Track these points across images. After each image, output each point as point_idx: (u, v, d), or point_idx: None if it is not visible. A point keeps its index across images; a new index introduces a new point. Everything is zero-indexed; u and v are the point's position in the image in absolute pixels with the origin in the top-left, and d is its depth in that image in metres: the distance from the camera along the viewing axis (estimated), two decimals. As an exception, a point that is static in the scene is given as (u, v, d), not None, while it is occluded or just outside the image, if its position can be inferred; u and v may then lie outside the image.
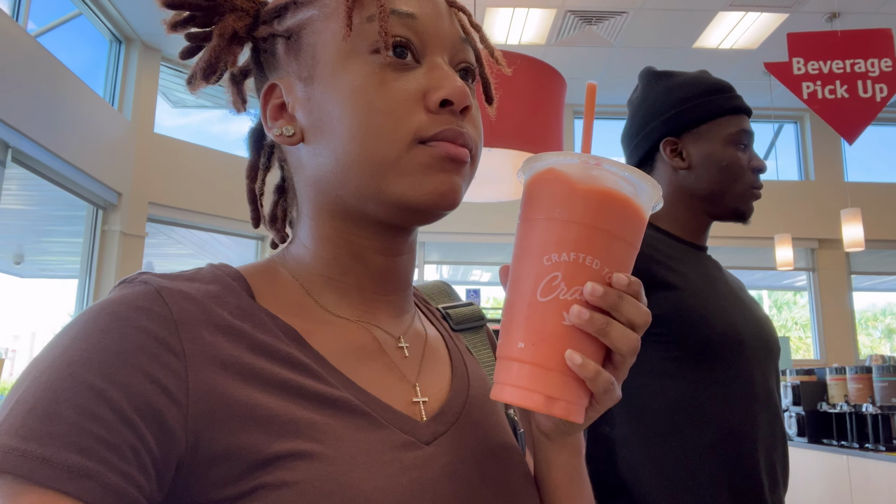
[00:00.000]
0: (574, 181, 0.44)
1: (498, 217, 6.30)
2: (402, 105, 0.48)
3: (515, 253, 0.47)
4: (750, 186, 1.17)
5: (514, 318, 0.45)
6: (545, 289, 0.44)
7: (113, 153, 5.11)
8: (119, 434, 0.38)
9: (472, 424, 0.53)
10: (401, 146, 0.48)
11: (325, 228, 0.53)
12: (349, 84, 0.49)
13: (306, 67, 0.51)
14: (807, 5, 4.89)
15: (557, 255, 0.44)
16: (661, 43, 5.51)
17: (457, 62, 0.53)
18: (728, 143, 1.16)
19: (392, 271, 0.54)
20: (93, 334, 0.41)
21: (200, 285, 0.47)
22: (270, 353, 0.46)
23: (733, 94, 1.21)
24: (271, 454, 0.41)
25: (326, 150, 0.50)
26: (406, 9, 0.50)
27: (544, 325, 0.44)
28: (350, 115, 0.48)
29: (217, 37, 0.53)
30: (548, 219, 0.45)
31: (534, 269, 0.45)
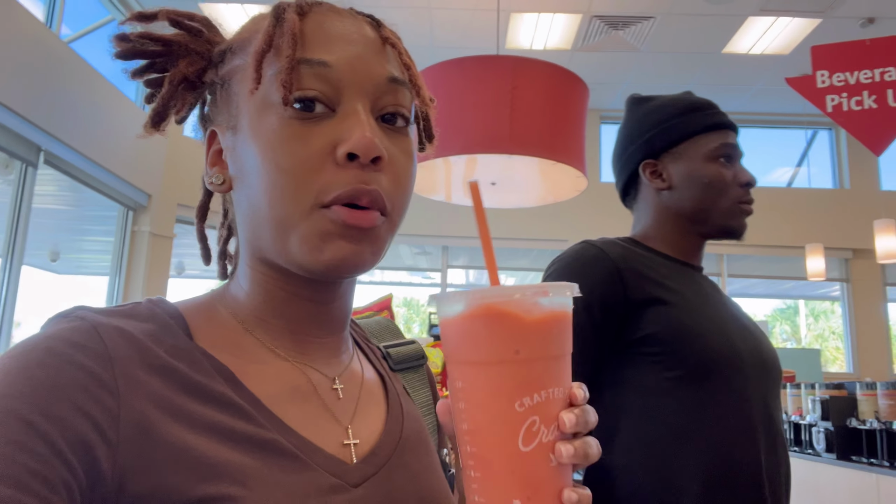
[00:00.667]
0: (522, 315, 0.41)
1: (523, 222, 6.27)
2: (307, 163, 0.47)
3: (468, 400, 0.42)
4: (736, 201, 1.14)
5: (494, 472, 0.41)
6: (526, 437, 0.41)
7: (143, 156, 5.22)
8: (52, 468, 0.38)
9: (402, 466, 0.52)
10: (302, 210, 0.47)
11: (257, 274, 0.53)
12: (262, 137, 0.48)
13: (233, 117, 0.51)
14: (841, 10, 4.78)
15: (530, 398, 0.41)
16: (689, 48, 5.43)
17: (381, 106, 0.51)
18: (708, 160, 1.14)
19: (324, 317, 0.54)
20: (27, 369, 0.41)
21: (137, 323, 0.47)
22: (204, 393, 0.45)
23: (712, 110, 1.18)
24: (196, 497, 0.41)
25: (245, 201, 0.50)
26: (319, 57, 0.48)
27: (536, 475, 0.41)
28: (260, 172, 0.48)
29: (167, 84, 0.53)
30: (505, 362, 0.41)
31: (505, 418, 0.41)
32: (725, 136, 1.16)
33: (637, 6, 4.83)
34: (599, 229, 6.20)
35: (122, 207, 5.26)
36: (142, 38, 0.53)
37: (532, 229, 6.34)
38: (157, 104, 0.53)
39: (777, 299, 9.75)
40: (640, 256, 1.11)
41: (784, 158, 7.16)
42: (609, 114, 6.77)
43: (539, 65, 3.08)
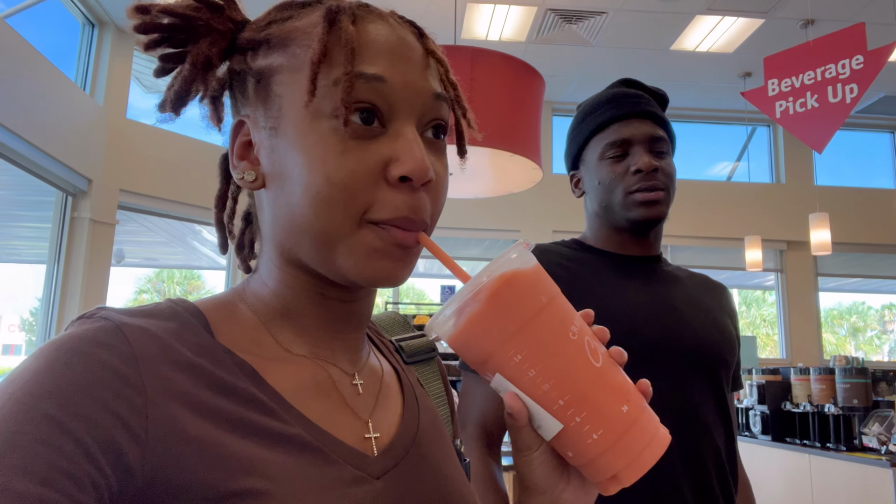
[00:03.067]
0: (526, 270, 0.47)
1: (476, 212, 6.31)
2: (360, 179, 0.47)
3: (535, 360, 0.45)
4: (628, 193, 1.14)
5: (592, 399, 0.45)
6: (593, 355, 0.46)
7: (83, 139, 5.01)
8: (79, 466, 0.38)
9: (421, 458, 0.54)
10: (351, 224, 0.48)
11: (284, 273, 0.53)
12: (311, 148, 0.48)
13: (273, 118, 0.50)
14: (782, 11, 4.97)
15: (574, 325, 0.47)
16: (639, 44, 5.56)
17: (427, 120, 0.51)
18: (600, 161, 1.17)
19: (352, 313, 0.55)
20: (54, 368, 0.41)
21: (160, 322, 0.47)
22: (228, 390, 0.46)
23: (603, 108, 1.19)
24: (225, 492, 0.42)
25: (285, 207, 0.50)
26: (374, 71, 0.48)
27: (618, 380, 0.47)
28: (308, 181, 0.48)
29: (190, 64, 0.51)
30: (541, 309, 0.46)
31: (570, 351, 0.46)
32: (613, 133, 1.16)
33: (590, 1, 4.91)
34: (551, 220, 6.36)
35: (60, 192, 5.03)
36: (163, 10, 0.50)
37: (485, 219, 6.40)
38: (180, 85, 0.51)
39: (715, 288, 10.11)
40: (590, 260, 1.16)
41: (725, 153, 7.42)
42: (561, 106, 6.87)
43: (498, 56, 3.10)
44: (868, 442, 3.60)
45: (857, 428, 3.70)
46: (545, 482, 0.50)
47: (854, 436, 3.72)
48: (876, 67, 3.82)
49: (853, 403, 3.67)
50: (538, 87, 3.31)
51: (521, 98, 3.23)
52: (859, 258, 7.17)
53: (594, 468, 0.46)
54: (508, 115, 3.15)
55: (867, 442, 3.60)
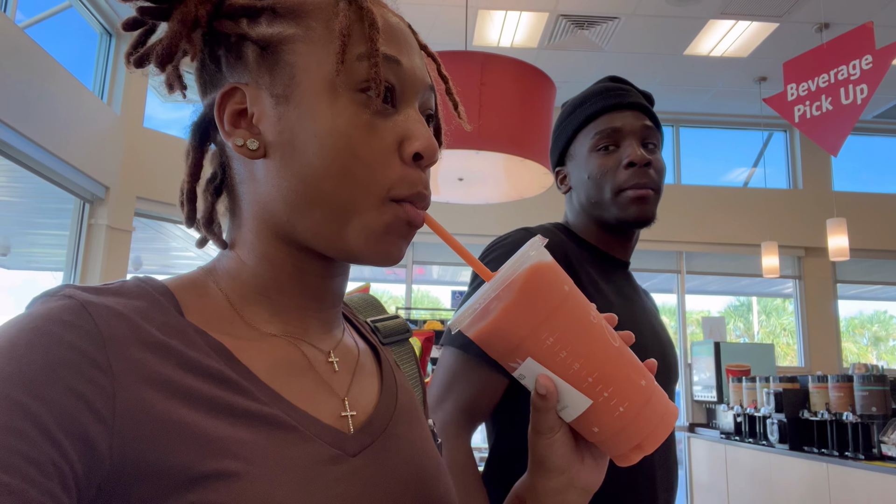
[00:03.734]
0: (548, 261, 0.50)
1: (487, 219, 6.30)
2: (381, 156, 0.49)
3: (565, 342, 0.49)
4: (620, 189, 1.10)
5: (616, 377, 0.50)
6: (612, 336, 0.51)
7: (101, 147, 5.08)
8: (42, 450, 0.37)
9: (397, 436, 0.54)
10: (373, 201, 0.49)
11: (267, 247, 0.52)
12: (331, 121, 0.48)
13: (282, 86, 0.49)
14: (797, 15, 4.93)
15: (593, 310, 0.51)
16: (652, 49, 5.54)
17: (424, 110, 0.54)
18: (588, 154, 1.14)
19: (328, 289, 0.55)
20: (15, 348, 0.40)
21: (127, 300, 0.46)
22: (199, 370, 0.45)
23: (591, 99, 1.17)
24: (199, 473, 0.41)
25: (293, 178, 0.49)
26: (393, 53, 0.50)
27: (633, 360, 0.51)
28: (329, 155, 0.48)
29: (178, 23, 0.49)
30: (566, 296, 0.50)
31: (594, 333, 0.50)
32: (603, 123, 1.13)
33: (602, 6, 4.90)
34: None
35: (78, 200, 5.10)
36: None
37: (496, 225, 6.38)
38: (167, 42, 0.49)
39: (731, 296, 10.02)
40: (573, 250, 1.11)
41: (741, 159, 7.36)
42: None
43: (508, 61, 3.10)
44: (887, 451, 3.53)
45: (876, 436, 3.62)
46: (564, 462, 0.52)
47: (873, 444, 3.64)
48: (884, 66, 3.78)
49: (872, 411, 3.60)
50: (548, 91, 3.31)
51: (532, 103, 3.23)
52: (880, 265, 7.06)
53: (620, 439, 0.50)
54: (519, 121, 3.15)
55: (886, 451, 3.53)
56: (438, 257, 6.91)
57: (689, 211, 6.46)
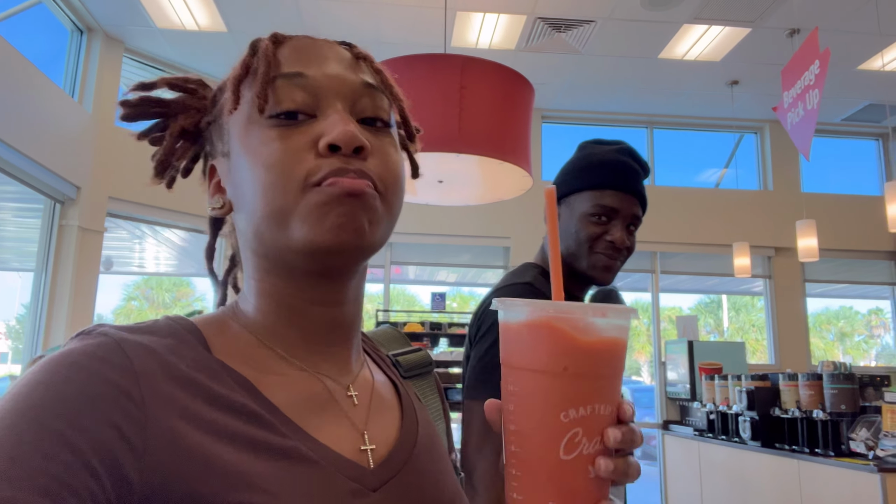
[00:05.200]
0: (576, 335, 0.44)
1: (466, 220, 6.32)
2: (292, 156, 0.50)
3: (518, 403, 0.45)
4: (594, 252, 1.28)
5: (534, 474, 0.44)
6: (567, 447, 0.44)
7: (72, 146, 4.98)
8: (80, 478, 0.39)
9: (418, 471, 0.54)
10: (294, 192, 0.50)
11: (264, 285, 0.55)
12: (249, 148, 0.52)
13: (225, 144, 0.56)
14: (768, 21, 5.03)
15: (575, 410, 0.44)
16: (627, 52, 5.60)
17: (360, 109, 0.54)
18: (584, 215, 1.29)
19: (335, 322, 0.56)
20: (54, 383, 0.42)
21: (158, 338, 0.48)
22: (225, 404, 0.47)
23: (607, 171, 1.31)
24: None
25: (245, 213, 0.54)
26: (293, 69, 0.53)
27: (574, 484, 0.44)
28: (252, 176, 0.51)
29: (168, 136, 0.59)
30: (555, 374, 0.44)
31: (549, 426, 0.44)
32: (607, 198, 1.28)
33: (579, 10, 4.95)
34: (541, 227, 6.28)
35: (48, 200, 4.99)
36: (143, 101, 0.59)
37: (475, 227, 6.41)
38: (160, 155, 0.59)
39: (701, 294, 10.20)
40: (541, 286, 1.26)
41: (713, 160, 7.48)
42: (550, 114, 6.91)
43: (488, 65, 3.11)
44: (856, 447, 3.63)
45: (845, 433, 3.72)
46: None
47: (842, 441, 3.74)
48: (824, 71, 3.90)
49: (841, 409, 3.70)
50: (528, 94, 3.33)
51: (511, 105, 3.25)
52: (847, 264, 7.24)
53: None
54: (498, 123, 3.16)
55: (855, 447, 3.63)
56: (415, 257, 6.91)
57: (664, 212, 6.56)
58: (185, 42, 5.51)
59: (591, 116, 6.96)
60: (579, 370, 0.44)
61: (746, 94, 6.40)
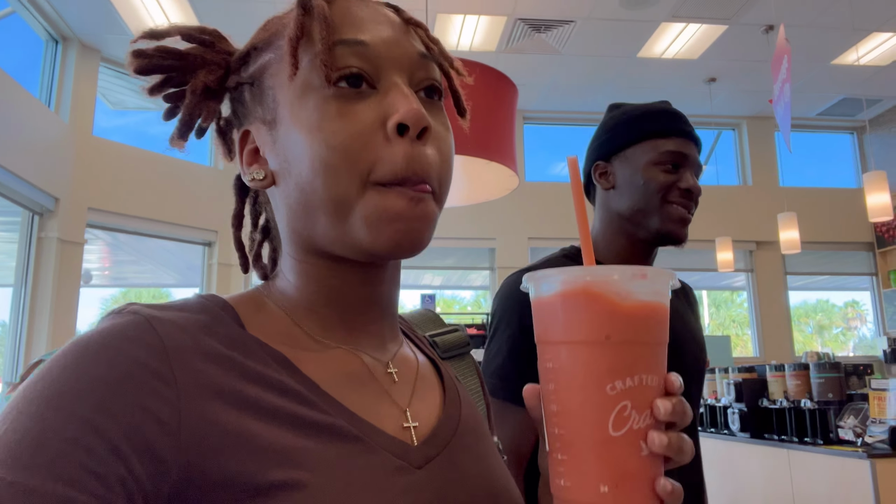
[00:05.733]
0: (616, 300, 0.41)
1: (452, 221, 6.32)
2: (358, 139, 0.47)
3: (558, 381, 0.42)
4: (670, 202, 1.15)
5: (582, 456, 0.41)
6: (616, 422, 0.41)
7: (49, 157, 4.90)
8: (107, 465, 0.37)
9: (463, 449, 0.53)
10: (357, 187, 0.47)
11: (303, 264, 0.53)
12: (306, 121, 0.49)
13: (269, 111, 0.52)
14: (744, 17, 5.10)
15: (622, 381, 0.41)
16: (607, 52, 5.65)
17: (418, 80, 0.52)
18: (651, 164, 1.17)
19: (375, 301, 0.55)
20: (82, 365, 0.41)
21: (190, 315, 0.47)
22: (262, 380, 0.45)
23: (667, 118, 1.21)
24: (265, 483, 0.41)
25: (295, 190, 0.50)
26: (354, 37, 0.49)
27: (626, 463, 0.41)
28: (310, 154, 0.48)
29: (189, 94, 0.54)
30: (596, 344, 0.41)
31: (595, 401, 0.41)
32: (673, 144, 1.17)
33: (558, 10, 4.98)
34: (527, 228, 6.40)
35: (26, 212, 4.91)
36: (159, 52, 0.53)
37: (460, 228, 6.42)
38: (183, 114, 0.54)
39: (687, 291, 10.26)
40: None
41: (693, 157, 7.57)
42: (532, 115, 6.94)
43: (472, 65, 3.11)
44: (844, 434, 3.67)
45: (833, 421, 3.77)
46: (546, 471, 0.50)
47: (830, 429, 3.79)
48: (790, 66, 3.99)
49: (828, 397, 3.75)
50: (512, 94, 3.34)
51: (496, 105, 3.25)
52: (826, 256, 7.35)
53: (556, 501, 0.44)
54: (483, 123, 3.17)
55: (843, 434, 3.68)
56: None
57: (646, 209, 6.61)
58: (162, 50, 5.45)
59: (572, 116, 7.01)
60: (622, 337, 0.41)
61: (724, 91, 6.49)
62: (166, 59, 0.53)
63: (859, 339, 11.50)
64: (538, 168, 7.20)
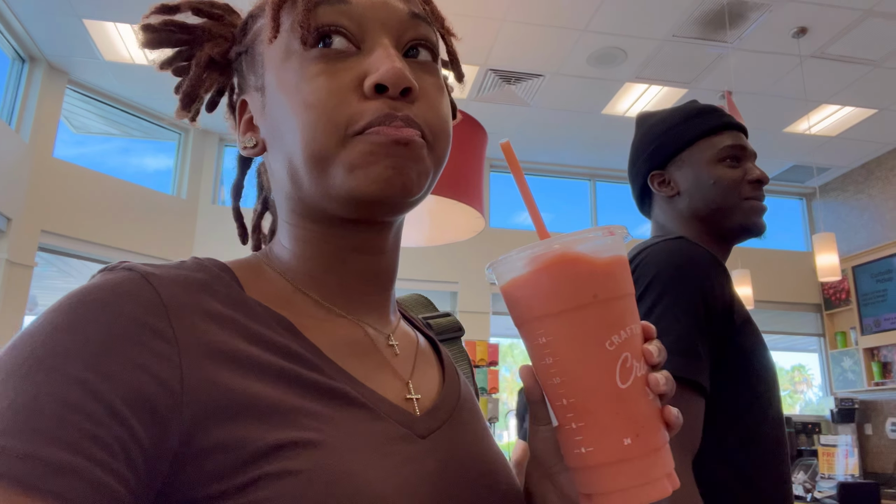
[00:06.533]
0: (594, 259, 0.42)
1: (412, 263, 6.31)
2: (335, 96, 0.46)
3: (556, 352, 0.42)
4: (746, 198, 1.15)
5: (598, 416, 0.42)
6: (622, 374, 0.42)
7: (5, 176, 4.76)
8: (106, 427, 0.35)
9: (463, 424, 0.53)
10: (336, 140, 0.46)
11: (300, 230, 0.52)
12: (287, 83, 0.48)
13: (259, 77, 0.52)
14: (703, 83, 5.35)
15: (617, 335, 0.42)
16: (573, 106, 5.83)
17: (406, 41, 0.50)
18: (713, 162, 1.16)
19: (374, 270, 0.54)
20: (76, 322, 0.38)
21: (188, 273, 0.45)
22: (265, 342, 0.44)
23: (712, 115, 1.20)
24: (272, 443, 0.39)
25: (280, 154, 0.50)
26: None
27: (640, 410, 0.42)
28: (291, 115, 0.48)
29: (194, 66, 0.55)
30: (587, 305, 0.42)
31: (599, 359, 0.42)
32: (729, 138, 1.17)
33: (529, 64, 5.15)
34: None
35: (-26, 231, 4.73)
36: (167, 25, 0.54)
37: (423, 270, 6.41)
38: (186, 86, 0.54)
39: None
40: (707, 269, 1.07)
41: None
42: (499, 163, 7.07)
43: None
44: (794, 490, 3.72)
45: (784, 476, 3.82)
46: (543, 455, 0.49)
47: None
48: None
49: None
50: (482, 137, 3.40)
51: (466, 146, 3.31)
52: (776, 316, 7.56)
53: (575, 477, 0.44)
54: (455, 165, 3.22)
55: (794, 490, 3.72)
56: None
57: (606, 261, 6.73)
58: (133, 76, 5.42)
59: (536, 167, 7.16)
60: (607, 294, 0.42)
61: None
62: (175, 33, 0.54)
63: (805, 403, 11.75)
64: (502, 216, 7.29)
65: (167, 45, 0.54)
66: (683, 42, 4.81)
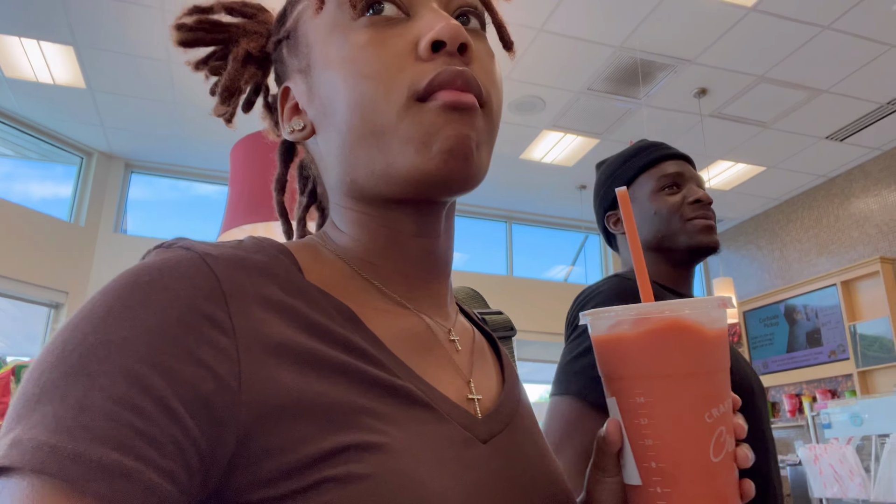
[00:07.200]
0: (705, 330, 0.42)
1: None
2: (392, 63, 0.44)
3: (654, 414, 0.42)
4: (688, 219, 1.19)
5: (685, 486, 0.41)
6: (716, 448, 0.42)
7: None
8: (160, 426, 0.33)
9: (523, 430, 0.50)
10: (398, 107, 0.44)
11: (355, 213, 0.50)
12: (337, 56, 0.46)
13: (303, 57, 0.50)
14: (614, 134, 5.67)
15: (716, 408, 0.42)
16: (494, 151, 6.00)
17: (454, 7, 0.49)
18: (654, 193, 1.22)
19: (432, 255, 0.51)
20: (129, 308, 0.35)
21: (247, 255, 0.42)
22: (327, 335, 0.41)
23: (649, 150, 1.27)
24: (335, 445, 0.37)
25: (334, 132, 0.47)
26: None
27: (726, 484, 0.42)
28: (344, 88, 0.45)
29: (231, 61, 0.54)
30: (692, 375, 0.42)
31: (696, 431, 0.42)
32: (666, 168, 1.23)
33: (452, 106, 5.27)
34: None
35: None
36: (202, 24, 0.53)
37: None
38: (225, 80, 0.53)
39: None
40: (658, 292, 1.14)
41: (563, 257, 8.06)
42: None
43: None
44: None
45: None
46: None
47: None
48: None
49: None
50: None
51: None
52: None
53: None
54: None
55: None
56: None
57: (520, 302, 6.88)
58: (35, 95, 5.09)
59: (468, 210, 7.27)
60: (711, 366, 0.42)
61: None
62: (210, 32, 0.53)
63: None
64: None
65: (202, 44, 0.53)
66: (597, 96, 5.09)
